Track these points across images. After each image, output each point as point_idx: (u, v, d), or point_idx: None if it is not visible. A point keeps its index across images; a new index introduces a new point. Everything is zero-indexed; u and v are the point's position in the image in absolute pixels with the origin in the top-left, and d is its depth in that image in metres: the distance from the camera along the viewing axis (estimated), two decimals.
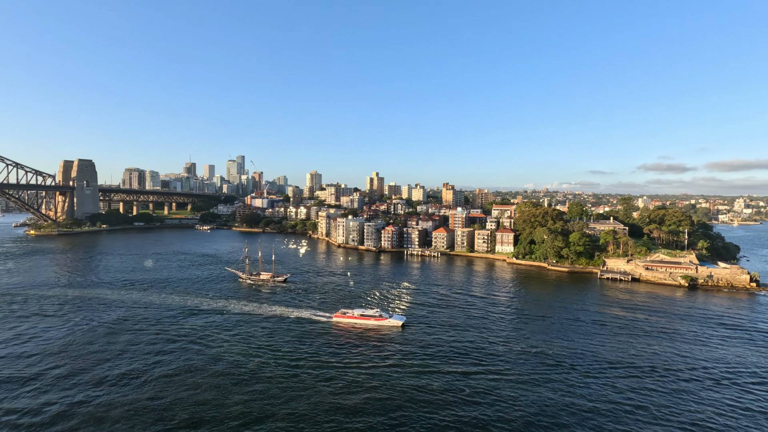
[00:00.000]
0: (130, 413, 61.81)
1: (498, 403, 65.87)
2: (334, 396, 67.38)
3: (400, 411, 63.22)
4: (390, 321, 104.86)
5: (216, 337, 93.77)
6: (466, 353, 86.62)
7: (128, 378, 73.25)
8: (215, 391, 68.35)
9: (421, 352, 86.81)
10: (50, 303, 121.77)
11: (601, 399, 67.90)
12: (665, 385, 73.58)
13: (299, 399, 66.29)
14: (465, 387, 71.06)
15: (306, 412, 62.37)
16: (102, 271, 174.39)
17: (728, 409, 65.88)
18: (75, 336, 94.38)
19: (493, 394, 68.62)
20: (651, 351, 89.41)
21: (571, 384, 72.93)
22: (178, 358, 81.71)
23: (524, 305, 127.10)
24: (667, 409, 65.41)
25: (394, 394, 68.11)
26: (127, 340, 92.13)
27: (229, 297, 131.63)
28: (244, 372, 75.74)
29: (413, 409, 63.74)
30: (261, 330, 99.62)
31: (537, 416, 62.34)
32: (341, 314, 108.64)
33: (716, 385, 74.08)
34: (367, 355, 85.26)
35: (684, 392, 71.08)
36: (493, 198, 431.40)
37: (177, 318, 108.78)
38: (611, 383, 73.64)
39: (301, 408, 63.59)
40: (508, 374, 76.53)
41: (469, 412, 63.08)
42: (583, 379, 75.10)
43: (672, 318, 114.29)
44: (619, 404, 66.31)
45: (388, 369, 78.27)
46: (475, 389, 70.28)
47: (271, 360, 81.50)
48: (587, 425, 60.41)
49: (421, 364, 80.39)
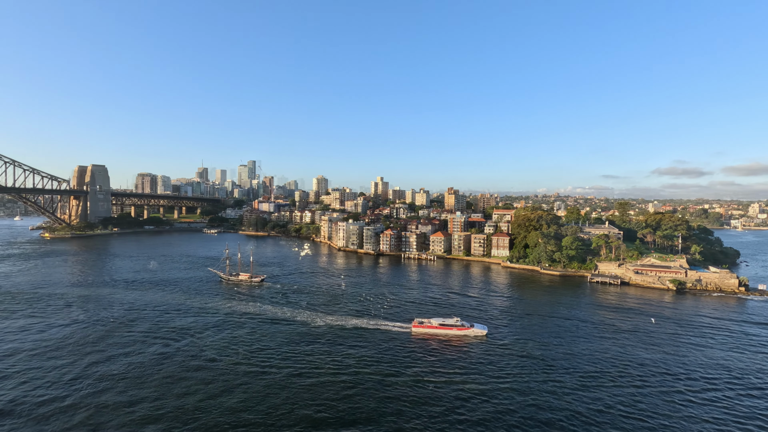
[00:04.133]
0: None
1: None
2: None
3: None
4: (474, 330, 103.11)
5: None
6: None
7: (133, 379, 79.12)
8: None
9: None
10: (50, 301, 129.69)
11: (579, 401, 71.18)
12: (627, 384, 76.51)
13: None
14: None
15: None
16: (108, 271, 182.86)
17: (703, 410, 68.60)
18: (59, 334, 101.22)
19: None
20: (625, 352, 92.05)
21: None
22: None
23: (511, 307, 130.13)
24: (631, 408, 68.48)
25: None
26: (143, 329, 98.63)
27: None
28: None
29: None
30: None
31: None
32: (418, 324, 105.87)
33: (685, 387, 76.67)
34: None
35: (646, 395, 73.93)
36: (495, 202, 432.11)
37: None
38: (580, 383, 76.84)
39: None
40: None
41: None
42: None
43: (650, 320, 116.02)
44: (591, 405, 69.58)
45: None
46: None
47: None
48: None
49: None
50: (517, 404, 68.34)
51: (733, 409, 67.87)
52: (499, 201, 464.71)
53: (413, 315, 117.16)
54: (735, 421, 64.41)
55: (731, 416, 65.67)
